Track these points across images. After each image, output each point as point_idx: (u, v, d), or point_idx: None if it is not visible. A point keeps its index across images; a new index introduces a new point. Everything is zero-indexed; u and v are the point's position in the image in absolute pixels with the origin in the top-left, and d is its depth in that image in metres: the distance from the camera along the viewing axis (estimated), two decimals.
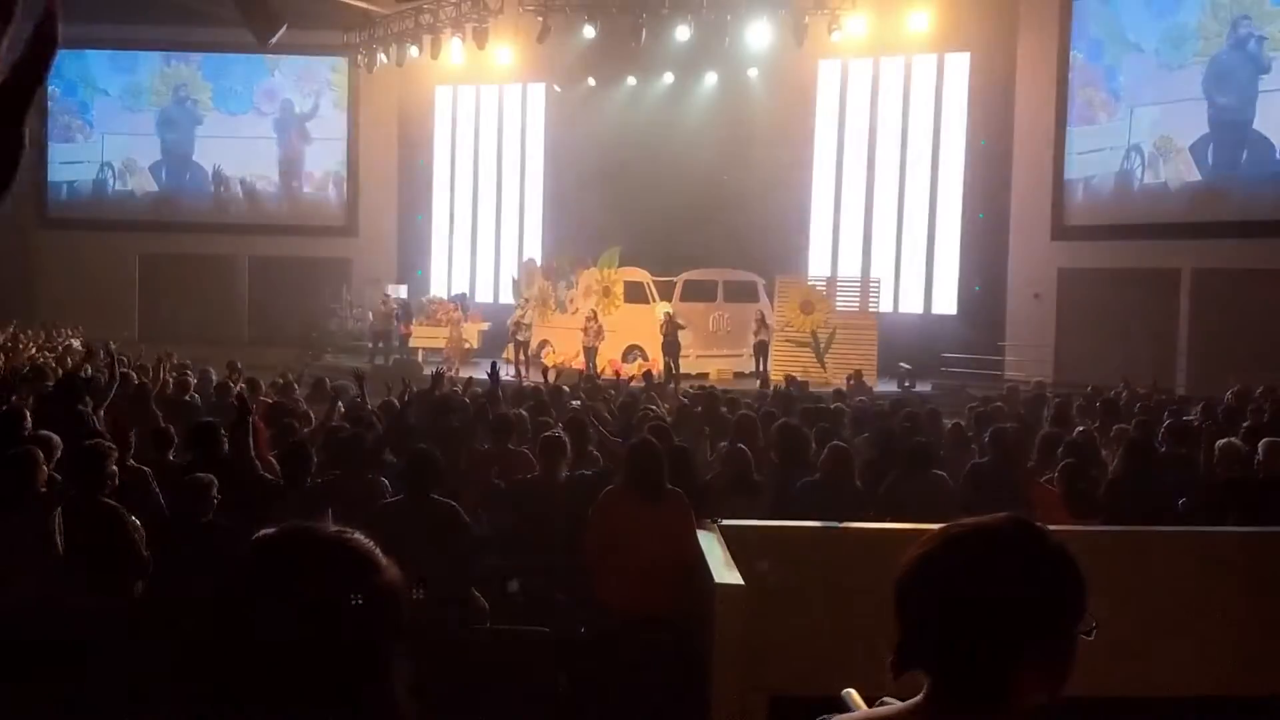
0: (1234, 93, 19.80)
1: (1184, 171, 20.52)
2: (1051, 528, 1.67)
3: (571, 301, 22.72)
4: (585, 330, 20.78)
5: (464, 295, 26.64)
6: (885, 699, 2.37)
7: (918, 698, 1.60)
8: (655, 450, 5.63)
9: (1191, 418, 10.12)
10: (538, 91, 27.61)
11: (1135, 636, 5.36)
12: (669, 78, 25.04)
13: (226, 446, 6.30)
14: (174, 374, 12.73)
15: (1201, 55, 20.25)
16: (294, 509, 5.44)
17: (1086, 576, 1.58)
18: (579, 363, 19.85)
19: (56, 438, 5.93)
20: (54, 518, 4.94)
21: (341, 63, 28.37)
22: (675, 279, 21.70)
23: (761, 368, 20.30)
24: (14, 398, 8.36)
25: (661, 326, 20.04)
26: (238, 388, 10.40)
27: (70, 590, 4.85)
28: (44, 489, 5.19)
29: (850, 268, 24.25)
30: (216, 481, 5.39)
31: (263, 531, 1.33)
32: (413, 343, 23.86)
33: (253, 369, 15.69)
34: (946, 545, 1.57)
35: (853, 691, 2.46)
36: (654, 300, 21.39)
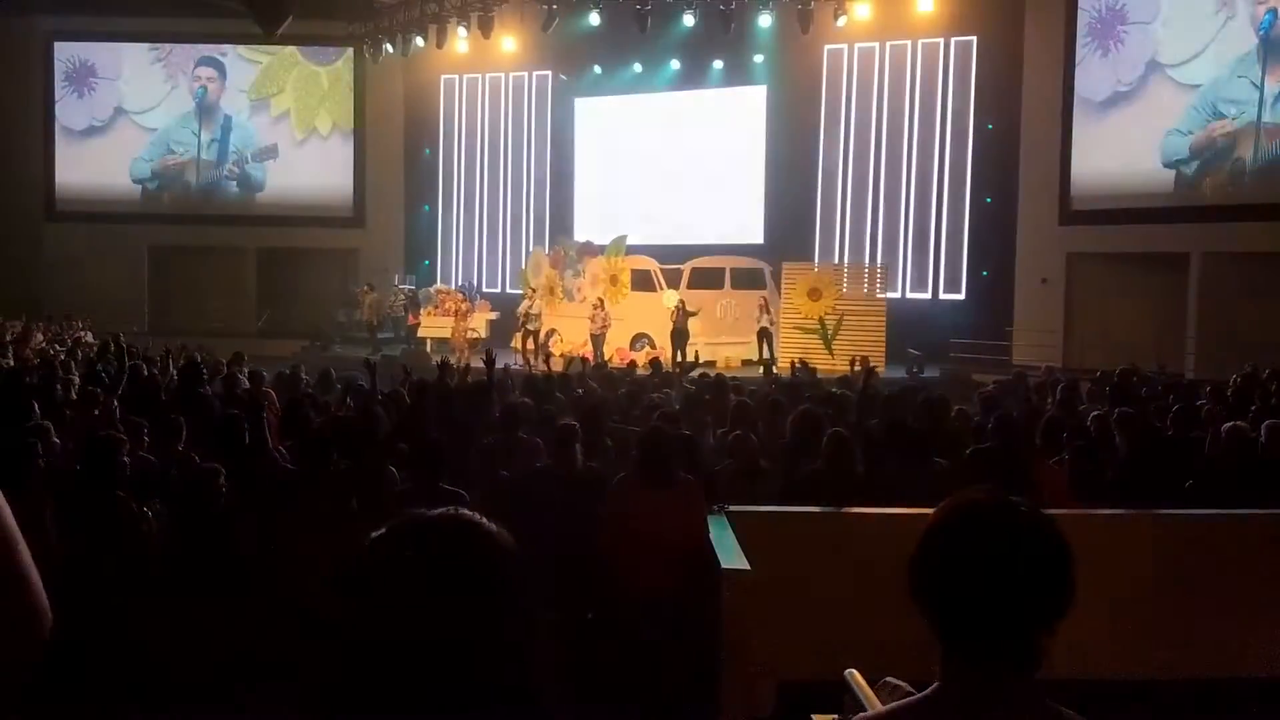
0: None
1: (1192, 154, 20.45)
2: (1058, 511, 1.72)
3: (579, 290, 22.73)
4: (592, 319, 20.81)
5: (470, 285, 26.69)
6: (886, 679, 2.40)
7: (933, 687, 1.63)
8: (667, 437, 5.65)
9: (1201, 401, 10.12)
10: (544, 80, 27.58)
11: (1143, 619, 5.38)
12: (675, 65, 24.98)
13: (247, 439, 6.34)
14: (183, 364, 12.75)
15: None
16: (318, 498, 5.48)
17: (1096, 559, 1.65)
18: (587, 351, 19.88)
19: (49, 424, 5.98)
20: (48, 509, 4.93)
21: (348, 53, 28.41)
22: (683, 266, 21.69)
23: (766, 354, 20.27)
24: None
25: (673, 314, 20.04)
26: (245, 379, 10.45)
27: (80, 582, 4.88)
28: (37, 478, 5.18)
29: (857, 253, 24.22)
30: (224, 471, 5.42)
31: (399, 527, 1.35)
32: (421, 333, 23.93)
33: (261, 361, 15.73)
34: (965, 524, 1.63)
35: (854, 671, 2.49)
36: (661, 288, 21.39)
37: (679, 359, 18.71)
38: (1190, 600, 5.60)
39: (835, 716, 2.56)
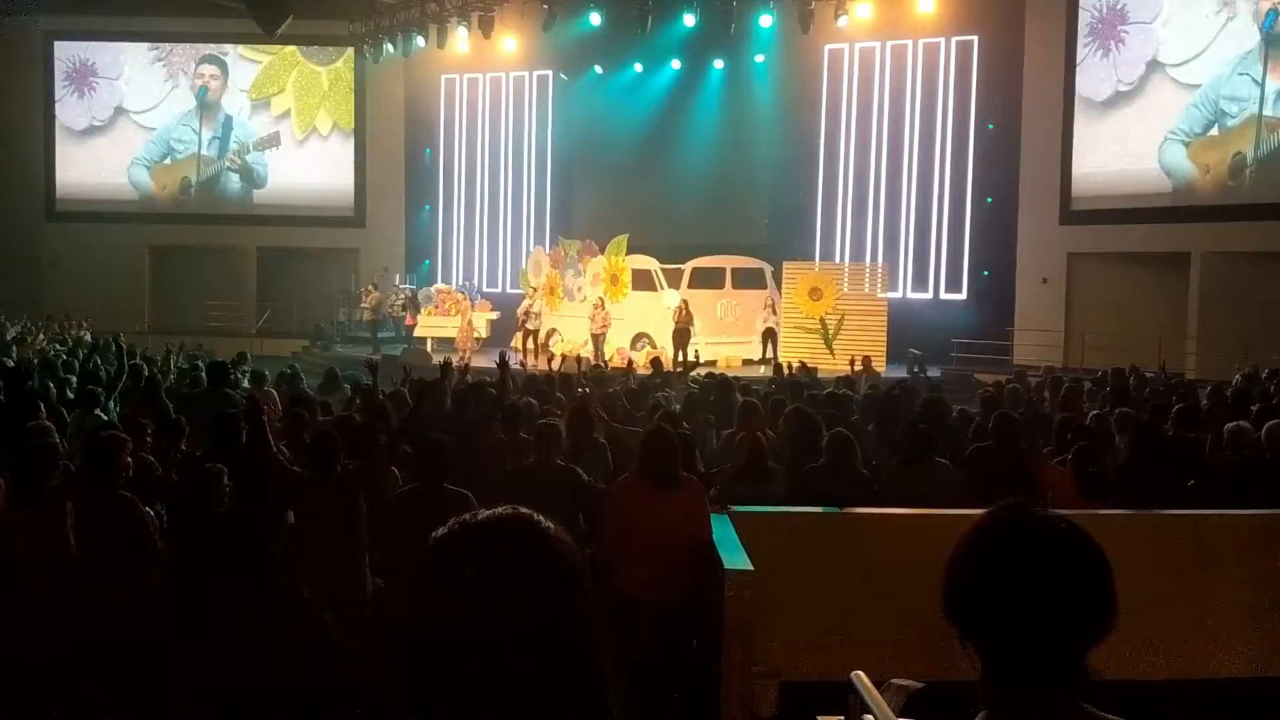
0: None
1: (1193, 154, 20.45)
2: (1062, 511, 1.69)
3: (580, 290, 22.73)
4: (593, 318, 20.82)
5: (470, 285, 26.69)
6: (892, 680, 2.41)
7: (979, 716, 1.59)
8: (670, 438, 5.63)
9: (1203, 401, 10.11)
10: (544, 80, 27.57)
11: (1147, 620, 5.37)
12: (675, 65, 24.97)
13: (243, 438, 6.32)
14: (184, 365, 12.76)
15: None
16: (328, 498, 5.48)
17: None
18: (588, 351, 19.89)
19: (49, 425, 5.98)
20: (67, 510, 4.97)
21: (348, 52, 28.41)
22: (683, 266, 21.68)
23: (770, 354, 20.27)
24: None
25: (676, 314, 20.03)
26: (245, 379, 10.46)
27: (86, 582, 4.89)
28: (58, 480, 5.22)
29: (858, 253, 24.22)
30: (227, 471, 5.42)
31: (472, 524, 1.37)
32: (419, 332, 23.94)
33: (261, 360, 15.75)
34: (1007, 541, 1.59)
35: (860, 673, 2.49)
36: (662, 288, 21.39)
37: (680, 358, 18.72)
38: (1194, 600, 5.60)
39: (840, 718, 2.56)
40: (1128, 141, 21.20)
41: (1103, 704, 1.66)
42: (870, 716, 2.36)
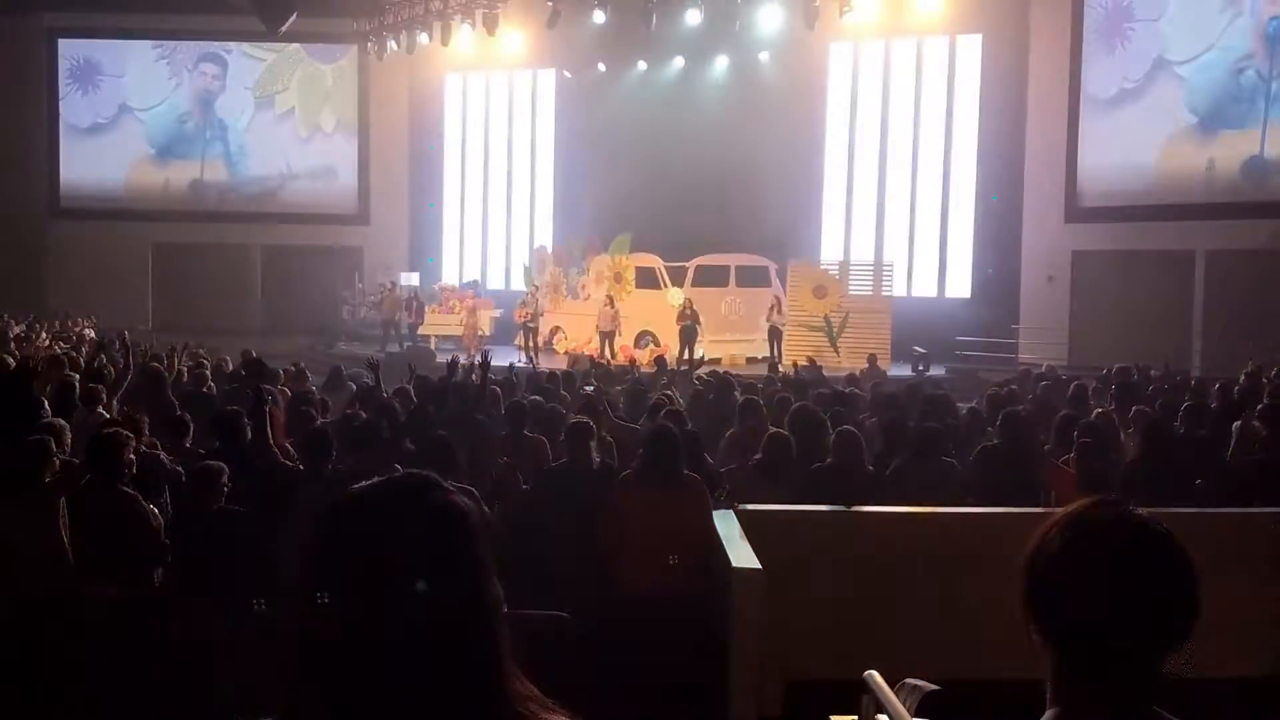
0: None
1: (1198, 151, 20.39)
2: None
3: (583, 288, 22.69)
4: (601, 315, 20.75)
5: (475, 282, 26.67)
6: (906, 680, 2.37)
7: (1050, 714, 1.54)
8: (673, 436, 5.60)
9: (1210, 400, 10.06)
10: (548, 78, 27.54)
11: None
12: (680, 62, 24.93)
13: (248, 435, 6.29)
14: (189, 363, 12.72)
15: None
16: (316, 495, 5.45)
17: None
18: (591, 349, 19.84)
19: (64, 423, 5.96)
20: (60, 504, 4.93)
21: (352, 50, 28.38)
22: (687, 264, 21.64)
23: (775, 353, 20.22)
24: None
25: (682, 312, 19.97)
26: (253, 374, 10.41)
27: (87, 578, 4.87)
28: (51, 477, 5.18)
29: (863, 252, 24.17)
30: (227, 469, 5.39)
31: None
32: (424, 330, 23.91)
33: (265, 358, 15.68)
34: (1106, 533, 1.54)
35: (874, 673, 2.46)
36: (666, 286, 21.35)
37: (686, 356, 18.68)
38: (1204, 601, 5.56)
39: (854, 718, 2.52)
40: (1133, 139, 21.14)
41: None
42: (884, 717, 2.33)
